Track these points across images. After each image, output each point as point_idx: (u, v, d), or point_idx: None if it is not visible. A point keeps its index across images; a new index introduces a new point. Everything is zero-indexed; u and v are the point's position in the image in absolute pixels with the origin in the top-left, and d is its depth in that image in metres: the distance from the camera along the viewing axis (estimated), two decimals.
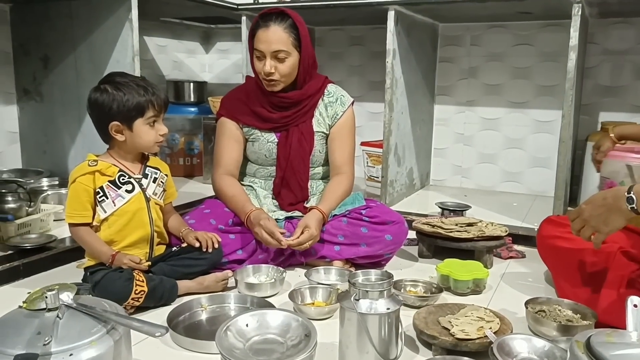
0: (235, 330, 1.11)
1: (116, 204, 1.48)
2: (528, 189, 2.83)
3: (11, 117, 2.50)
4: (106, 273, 1.40)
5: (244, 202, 1.75)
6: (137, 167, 1.55)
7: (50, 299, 0.96)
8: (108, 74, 1.53)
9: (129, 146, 1.51)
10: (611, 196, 1.25)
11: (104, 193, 1.47)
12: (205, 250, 1.58)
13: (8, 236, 1.79)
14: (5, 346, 0.91)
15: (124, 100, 1.45)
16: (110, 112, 1.45)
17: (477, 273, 1.61)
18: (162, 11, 2.86)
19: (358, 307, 1.11)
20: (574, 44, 2.04)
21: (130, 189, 1.50)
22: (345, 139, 1.89)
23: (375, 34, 3.02)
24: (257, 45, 1.75)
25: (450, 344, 1.22)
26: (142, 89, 1.47)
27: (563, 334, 1.28)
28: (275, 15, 1.74)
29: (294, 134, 1.84)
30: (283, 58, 1.74)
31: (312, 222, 1.66)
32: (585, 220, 1.29)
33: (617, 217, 1.24)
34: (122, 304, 1.37)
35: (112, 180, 1.48)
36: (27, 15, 2.39)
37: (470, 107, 2.92)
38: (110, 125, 1.46)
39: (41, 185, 2.28)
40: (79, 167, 1.48)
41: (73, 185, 1.45)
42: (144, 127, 1.49)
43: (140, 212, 1.52)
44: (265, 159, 1.88)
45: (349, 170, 1.88)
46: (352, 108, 1.91)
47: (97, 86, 1.48)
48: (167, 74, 3.29)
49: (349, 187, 1.86)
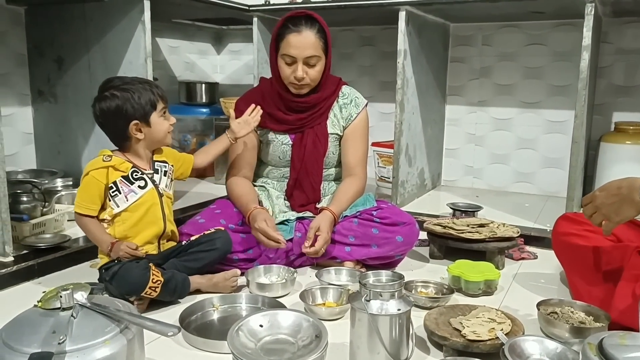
0: (246, 330, 1.12)
1: (129, 200, 1.50)
2: (540, 189, 2.82)
3: (26, 118, 2.53)
4: (122, 264, 1.42)
5: (248, 201, 1.75)
6: (148, 164, 1.57)
7: (64, 299, 0.98)
8: (103, 81, 1.54)
9: (148, 142, 1.54)
10: (626, 186, 1.26)
11: (117, 188, 1.48)
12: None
13: (23, 236, 1.82)
14: (21, 344, 0.92)
15: (136, 99, 1.47)
16: (127, 113, 1.47)
17: (488, 274, 1.60)
18: (174, 13, 2.88)
19: (369, 308, 1.11)
20: (587, 44, 2.03)
21: (143, 184, 1.53)
22: (358, 141, 1.89)
23: (386, 35, 3.01)
24: (287, 50, 1.72)
25: (461, 345, 1.22)
26: (147, 84, 1.51)
27: (575, 336, 1.27)
28: (305, 20, 1.72)
29: (309, 136, 1.84)
30: (314, 63, 1.74)
31: (323, 225, 1.66)
32: (597, 207, 1.30)
33: (629, 208, 1.24)
34: (141, 293, 1.40)
35: (125, 175, 1.50)
36: (41, 17, 2.42)
37: (481, 107, 2.91)
38: (130, 126, 1.48)
39: (55, 185, 2.31)
40: (93, 161, 1.50)
41: (86, 178, 1.48)
42: (159, 119, 1.53)
43: (154, 207, 1.54)
44: (279, 160, 1.88)
45: (361, 172, 1.88)
46: (366, 110, 1.91)
47: (102, 95, 1.49)
48: (179, 75, 3.31)
49: (361, 189, 1.87)
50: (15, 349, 0.92)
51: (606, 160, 2.44)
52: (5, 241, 1.68)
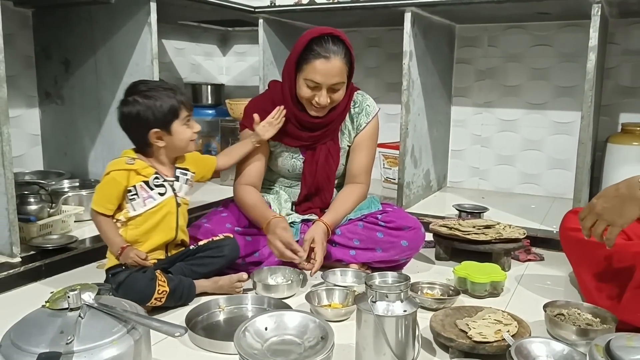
0: (253, 331, 1.12)
1: (146, 205, 1.49)
2: (546, 191, 2.81)
3: (33, 119, 2.55)
4: (130, 273, 1.42)
5: (264, 209, 1.70)
6: (170, 171, 1.56)
7: (72, 299, 0.98)
8: (130, 85, 1.53)
9: (169, 150, 1.53)
10: (624, 186, 1.22)
11: (136, 192, 1.48)
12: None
13: (30, 237, 1.83)
14: (29, 345, 0.93)
15: (157, 106, 1.45)
16: (148, 120, 1.46)
17: (494, 276, 1.60)
18: (180, 15, 2.89)
19: (375, 309, 1.11)
20: (593, 45, 2.02)
21: (163, 192, 1.52)
22: (365, 149, 1.85)
23: (391, 36, 3.01)
24: (312, 76, 1.63)
25: (467, 346, 1.21)
26: (171, 91, 1.49)
27: (582, 338, 1.26)
28: (332, 42, 1.62)
29: (321, 152, 1.80)
30: (338, 88, 1.68)
31: (318, 237, 1.62)
32: (598, 215, 1.24)
33: (632, 207, 1.19)
34: (146, 304, 1.39)
35: (146, 180, 1.49)
36: (48, 20, 2.44)
37: (487, 108, 2.90)
38: (150, 133, 1.47)
39: (62, 186, 2.32)
40: (117, 161, 1.49)
41: (106, 177, 1.46)
42: (181, 128, 1.50)
43: (169, 216, 1.53)
44: (288, 172, 1.86)
45: (365, 180, 1.85)
46: (377, 117, 1.86)
47: (125, 99, 1.48)
48: (185, 76, 3.33)
49: (361, 196, 1.84)
50: (23, 349, 0.93)
51: (613, 161, 2.43)
52: (13, 242, 1.69)
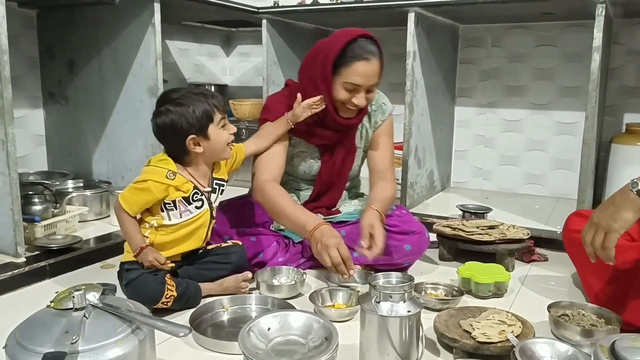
0: (257, 331, 1.12)
1: (182, 217, 1.48)
2: (550, 191, 2.80)
3: (37, 120, 2.56)
4: (141, 273, 1.42)
5: (303, 212, 1.61)
6: (207, 180, 1.53)
7: (77, 299, 0.99)
8: (160, 95, 1.51)
9: (207, 157, 1.49)
10: (618, 193, 1.24)
11: (175, 205, 1.46)
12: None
13: (35, 237, 1.83)
14: (34, 344, 0.93)
15: (191, 112, 1.42)
16: (183, 128, 1.42)
17: (498, 276, 1.60)
18: (183, 15, 2.90)
19: (379, 310, 1.11)
20: (597, 45, 2.01)
21: (200, 205, 1.50)
22: (385, 145, 1.83)
23: (395, 36, 3.01)
24: (352, 78, 1.60)
25: (471, 347, 1.21)
26: (202, 96, 1.45)
27: (587, 339, 1.26)
28: (369, 43, 1.60)
29: (339, 154, 1.79)
30: (373, 89, 1.66)
31: (376, 222, 1.58)
32: (595, 224, 1.25)
33: (626, 210, 1.20)
34: (152, 307, 1.39)
35: (186, 197, 1.47)
36: (53, 20, 2.45)
37: (491, 108, 2.90)
38: (188, 140, 1.43)
39: (66, 187, 2.32)
40: (156, 171, 1.44)
41: (143, 184, 1.42)
42: (218, 131, 1.46)
43: (201, 229, 1.53)
44: (302, 174, 1.83)
45: (391, 177, 1.82)
46: (392, 116, 1.85)
47: (158, 110, 1.45)
48: (188, 77, 3.33)
49: (394, 194, 1.80)
50: (28, 348, 0.93)
51: (617, 161, 2.42)
52: (17, 242, 1.70)
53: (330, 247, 1.45)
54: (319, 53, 1.64)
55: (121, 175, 2.37)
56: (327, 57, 1.61)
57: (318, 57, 1.64)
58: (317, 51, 1.66)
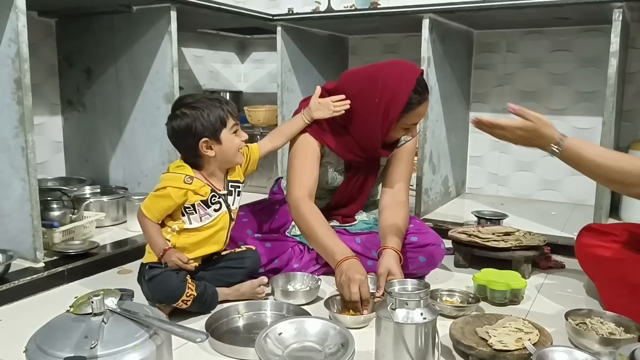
0: (274, 337, 1.13)
1: (203, 221, 1.50)
2: (567, 197, 2.77)
3: (56, 127, 2.60)
4: (164, 270, 1.44)
5: (334, 241, 1.57)
6: (222, 183, 1.55)
7: (96, 304, 1.00)
8: (176, 100, 1.54)
9: (219, 160, 1.50)
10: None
11: (194, 209, 1.48)
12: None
13: (53, 242, 1.86)
14: (54, 349, 0.95)
15: (205, 116, 1.45)
16: (197, 131, 1.45)
17: (514, 283, 1.59)
18: (199, 23, 2.93)
19: (395, 317, 1.11)
20: (614, 50, 2.00)
21: (218, 207, 1.52)
22: (404, 164, 1.79)
23: (409, 42, 3.01)
24: (414, 119, 1.64)
25: (488, 355, 1.20)
26: (217, 101, 1.48)
27: (606, 347, 1.25)
28: (422, 80, 1.63)
29: (362, 173, 1.77)
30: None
31: (394, 267, 1.51)
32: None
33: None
34: (173, 304, 1.42)
35: (204, 200, 1.49)
36: (71, 28, 2.49)
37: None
38: (200, 143, 1.45)
39: (84, 192, 2.35)
40: (174, 177, 1.47)
41: (163, 191, 1.45)
42: (230, 136, 1.49)
43: (221, 231, 1.55)
44: (325, 184, 1.80)
45: (406, 198, 1.78)
46: (417, 138, 1.83)
47: (173, 114, 1.48)
48: (203, 83, 3.36)
49: (408, 219, 1.74)
50: (48, 353, 0.94)
51: None
52: (36, 247, 1.73)
53: (354, 282, 1.43)
54: (382, 98, 1.59)
55: (137, 182, 2.40)
56: (392, 106, 1.59)
57: (382, 101, 1.59)
58: (380, 93, 1.60)
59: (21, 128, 1.68)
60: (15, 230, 1.76)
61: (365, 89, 1.63)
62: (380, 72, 1.63)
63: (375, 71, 1.64)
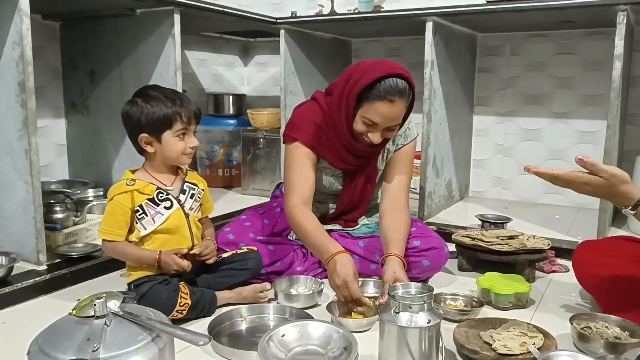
0: (277, 340, 1.12)
1: (156, 221, 1.48)
2: (571, 201, 2.76)
3: (59, 129, 2.60)
4: (152, 286, 1.43)
5: (327, 240, 1.55)
6: (171, 179, 1.54)
7: (98, 307, 0.99)
8: (143, 86, 1.54)
9: (159, 158, 1.50)
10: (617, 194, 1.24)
11: (144, 211, 1.47)
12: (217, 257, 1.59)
13: (56, 245, 1.86)
14: (57, 351, 0.94)
15: (151, 113, 1.44)
16: (139, 124, 1.45)
17: (518, 287, 1.58)
18: (202, 26, 2.93)
19: (398, 320, 1.10)
20: (619, 53, 1.99)
21: (169, 205, 1.50)
22: (404, 166, 1.77)
23: (413, 45, 3.01)
24: (371, 116, 1.54)
25: (492, 359, 1.20)
26: (170, 101, 1.46)
27: (611, 352, 1.24)
28: (400, 83, 1.51)
29: (360, 179, 1.76)
30: (393, 129, 1.60)
31: (399, 274, 1.49)
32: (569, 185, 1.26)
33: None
34: (167, 316, 1.39)
35: (150, 198, 1.47)
36: (75, 32, 2.49)
37: (510, 117, 2.88)
38: (139, 137, 1.47)
39: (87, 195, 2.35)
40: (117, 185, 1.48)
41: (110, 203, 1.46)
42: (173, 139, 1.46)
43: (182, 227, 1.52)
44: (323, 188, 1.81)
45: (407, 202, 1.75)
46: (415, 142, 1.80)
47: (131, 99, 1.49)
48: (207, 87, 3.37)
49: (410, 223, 1.71)
50: (51, 355, 0.94)
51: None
52: (39, 250, 1.73)
53: (335, 282, 1.44)
54: (350, 78, 1.57)
55: None
56: (354, 86, 1.55)
57: (348, 82, 1.57)
58: (350, 75, 1.58)
59: (25, 131, 1.69)
60: (18, 232, 1.76)
61: (344, 74, 1.62)
62: (365, 61, 1.61)
63: (362, 61, 1.62)
